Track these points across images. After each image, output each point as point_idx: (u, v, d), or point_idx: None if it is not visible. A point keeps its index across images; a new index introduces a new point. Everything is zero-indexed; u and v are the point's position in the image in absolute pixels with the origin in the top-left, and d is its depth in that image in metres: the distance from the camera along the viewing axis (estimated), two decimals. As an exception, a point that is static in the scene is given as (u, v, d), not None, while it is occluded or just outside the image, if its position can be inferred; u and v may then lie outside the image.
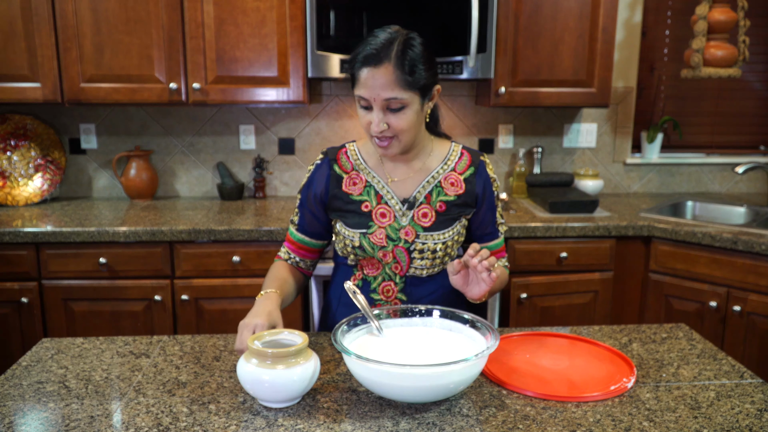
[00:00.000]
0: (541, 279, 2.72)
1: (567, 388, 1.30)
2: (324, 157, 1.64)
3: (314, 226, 1.65)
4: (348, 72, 1.50)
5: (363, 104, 1.47)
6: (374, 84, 1.42)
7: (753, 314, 2.55)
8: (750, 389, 1.31)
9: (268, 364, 1.19)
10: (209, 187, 3.33)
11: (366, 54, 1.43)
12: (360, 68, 1.43)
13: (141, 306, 2.66)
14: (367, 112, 1.48)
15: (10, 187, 3.07)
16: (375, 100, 1.44)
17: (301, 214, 1.66)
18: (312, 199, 1.63)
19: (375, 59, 1.42)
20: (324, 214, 1.64)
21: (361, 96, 1.45)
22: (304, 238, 1.66)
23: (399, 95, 1.43)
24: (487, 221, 1.66)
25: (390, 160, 1.61)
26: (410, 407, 1.22)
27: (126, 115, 3.22)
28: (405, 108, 1.46)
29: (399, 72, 1.42)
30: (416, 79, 1.44)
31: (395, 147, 1.51)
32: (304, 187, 1.65)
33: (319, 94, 3.24)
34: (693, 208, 3.25)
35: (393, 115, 1.46)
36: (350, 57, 1.48)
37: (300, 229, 1.66)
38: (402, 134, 1.49)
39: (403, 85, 1.43)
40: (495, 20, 2.81)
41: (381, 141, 1.50)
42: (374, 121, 1.46)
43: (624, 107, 3.42)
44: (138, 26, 2.76)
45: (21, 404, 1.24)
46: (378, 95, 1.43)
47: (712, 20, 3.00)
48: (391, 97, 1.43)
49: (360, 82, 1.44)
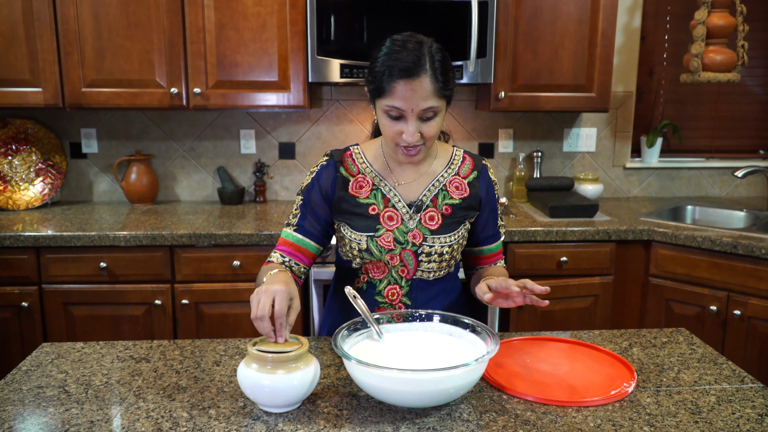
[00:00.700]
0: (541, 283, 2.71)
1: (567, 392, 1.30)
2: (329, 158, 1.62)
3: (314, 227, 1.62)
4: (372, 84, 1.47)
5: (394, 114, 1.45)
6: (412, 96, 1.41)
7: (753, 318, 2.55)
8: (750, 394, 1.31)
9: (269, 368, 1.19)
10: (210, 192, 3.34)
11: (402, 67, 1.41)
12: (395, 80, 1.41)
13: (141, 310, 2.66)
14: (396, 122, 1.46)
15: (11, 192, 3.07)
16: (412, 111, 1.43)
17: (302, 214, 1.61)
18: (317, 200, 1.60)
19: (412, 71, 1.41)
20: (328, 215, 1.61)
21: (395, 106, 1.43)
22: (303, 239, 1.61)
23: (434, 104, 1.43)
24: (490, 224, 1.68)
25: (398, 164, 1.61)
26: (410, 412, 1.22)
27: (127, 120, 3.23)
28: (437, 115, 1.47)
29: (434, 82, 1.42)
30: (448, 87, 1.46)
31: (422, 153, 1.51)
32: (307, 188, 1.62)
33: (320, 98, 3.24)
34: (693, 212, 3.25)
35: (425, 124, 1.46)
36: (377, 68, 1.45)
37: (299, 230, 1.61)
38: (430, 141, 1.49)
39: (438, 94, 1.43)
40: (495, 25, 2.82)
41: (410, 149, 1.49)
42: (409, 131, 1.44)
43: (623, 111, 3.42)
44: (139, 31, 2.77)
45: (21, 409, 1.24)
46: (417, 106, 1.42)
47: (711, 25, 3.01)
48: (428, 107, 1.43)
49: (394, 93, 1.42)
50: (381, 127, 1.51)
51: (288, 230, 1.62)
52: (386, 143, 1.55)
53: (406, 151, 1.50)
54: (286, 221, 1.65)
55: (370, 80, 1.48)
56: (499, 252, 1.72)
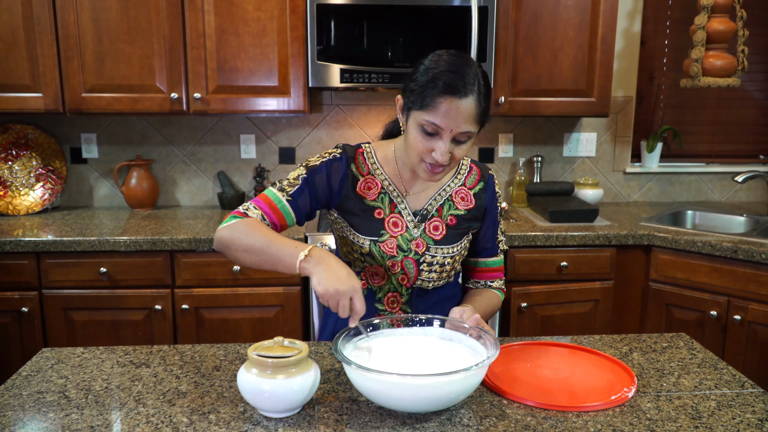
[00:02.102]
0: (542, 288, 2.72)
1: (568, 397, 1.30)
2: (342, 152, 1.56)
3: (305, 206, 1.52)
4: (413, 94, 1.39)
5: (429, 130, 1.37)
6: (456, 116, 1.34)
7: (754, 323, 2.55)
8: (751, 399, 1.30)
9: (269, 373, 1.19)
10: (210, 197, 3.34)
11: (453, 83, 1.34)
12: (441, 95, 1.34)
13: (141, 315, 2.66)
14: (429, 138, 1.39)
15: (11, 197, 3.08)
16: (451, 131, 1.36)
17: (300, 187, 1.51)
18: (320, 184, 1.53)
19: (462, 91, 1.34)
20: (324, 202, 1.55)
21: (434, 123, 1.36)
22: (290, 211, 1.50)
23: (472, 129, 1.38)
24: (488, 236, 1.66)
25: (410, 173, 1.56)
26: (411, 417, 1.22)
27: (127, 125, 3.23)
28: (469, 140, 1.41)
29: (478, 107, 1.36)
30: (487, 113, 1.41)
31: (444, 173, 1.45)
32: (315, 169, 1.53)
33: (320, 103, 3.25)
34: (693, 217, 3.25)
35: (457, 146, 1.40)
36: (421, 80, 1.37)
37: (292, 202, 1.50)
38: (455, 163, 1.44)
39: (478, 119, 1.38)
40: (495, 30, 2.82)
41: (434, 167, 1.42)
42: (440, 150, 1.37)
43: (623, 116, 3.43)
44: (139, 36, 2.77)
45: (21, 414, 1.24)
46: (457, 127, 1.36)
47: (711, 30, 3.02)
48: (467, 131, 1.37)
49: (437, 109, 1.34)
50: (410, 140, 1.43)
51: (278, 194, 1.51)
52: (410, 156, 1.46)
53: (431, 168, 1.43)
54: (277, 183, 1.54)
55: (412, 89, 1.40)
56: (498, 270, 1.69)
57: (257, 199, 1.51)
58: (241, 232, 1.41)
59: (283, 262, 1.35)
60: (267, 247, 1.37)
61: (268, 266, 1.39)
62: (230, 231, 1.43)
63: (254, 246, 1.39)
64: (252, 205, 1.50)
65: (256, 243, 1.39)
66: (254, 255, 1.39)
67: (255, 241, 1.39)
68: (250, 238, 1.40)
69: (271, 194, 1.51)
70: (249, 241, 1.40)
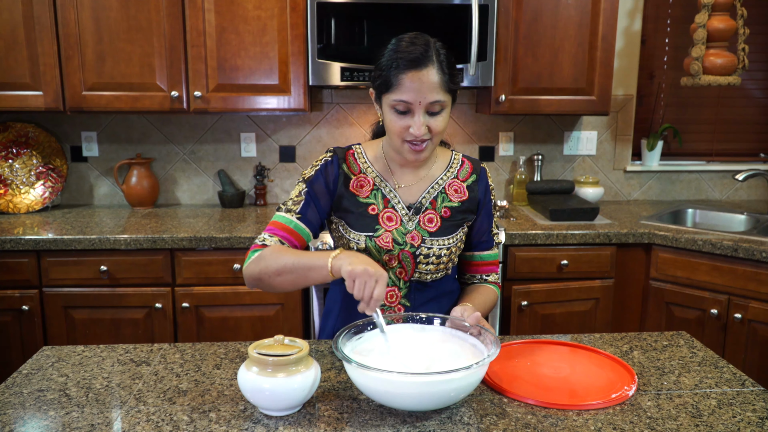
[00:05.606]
0: (542, 286, 2.72)
1: (568, 396, 1.30)
2: (333, 155, 1.61)
3: (315, 218, 1.57)
4: (378, 79, 1.48)
5: (401, 109, 1.46)
6: (420, 87, 1.43)
7: (754, 322, 2.55)
8: (751, 397, 1.30)
9: (269, 372, 1.19)
10: (210, 195, 3.34)
11: (409, 58, 1.42)
12: (402, 72, 1.43)
13: (142, 314, 2.66)
14: (403, 116, 1.47)
15: (11, 195, 3.08)
16: (420, 103, 1.44)
17: (305, 201, 1.56)
18: (321, 191, 1.57)
19: (419, 63, 1.42)
20: (329, 207, 1.60)
21: (402, 100, 1.44)
22: (303, 227, 1.55)
23: (442, 97, 1.45)
24: (484, 229, 1.68)
25: (399, 166, 1.61)
26: (411, 415, 1.22)
27: (127, 123, 3.23)
28: (443, 110, 1.48)
29: (441, 74, 1.44)
30: (454, 81, 1.48)
31: (428, 150, 1.52)
32: (312, 179, 1.58)
33: (320, 102, 3.24)
34: (693, 216, 3.25)
35: (432, 118, 1.47)
36: (383, 63, 1.46)
37: (302, 218, 1.55)
38: (436, 136, 1.50)
39: (444, 87, 1.45)
40: (495, 29, 2.82)
41: (416, 145, 1.49)
42: (416, 125, 1.45)
43: (624, 115, 3.43)
44: (139, 35, 2.77)
45: (21, 412, 1.24)
46: (424, 98, 1.43)
47: (711, 28, 3.01)
48: (436, 99, 1.44)
49: (402, 86, 1.43)
50: (387, 124, 1.51)
51: (287, 215, 1.55)
52: (392, 141, 1.54)
53: (413, 146, 1.49)
54: (283, 206, 1.58)
55: (376, 76, 1.49)
56: (494, 263, 1.71)
57: (269, 228, 1.55)
58: (268, 259, 1.46)
59: (315, 269, 1.39)
60: (297, 263, 1.42)
61: (303, 280, 1.43)
62: (256, 263, 1.48)
63: (285, 266, 1.43)
64: (267, 234, 1.54)
65: (287, 263, 1.43)
66: (287, 274, 1.44)
67: (285, 262, 1.43)
68: (278, 261, 1.44)
69: (281, 218, 1.56)
70: (278, 264, 1.44)
